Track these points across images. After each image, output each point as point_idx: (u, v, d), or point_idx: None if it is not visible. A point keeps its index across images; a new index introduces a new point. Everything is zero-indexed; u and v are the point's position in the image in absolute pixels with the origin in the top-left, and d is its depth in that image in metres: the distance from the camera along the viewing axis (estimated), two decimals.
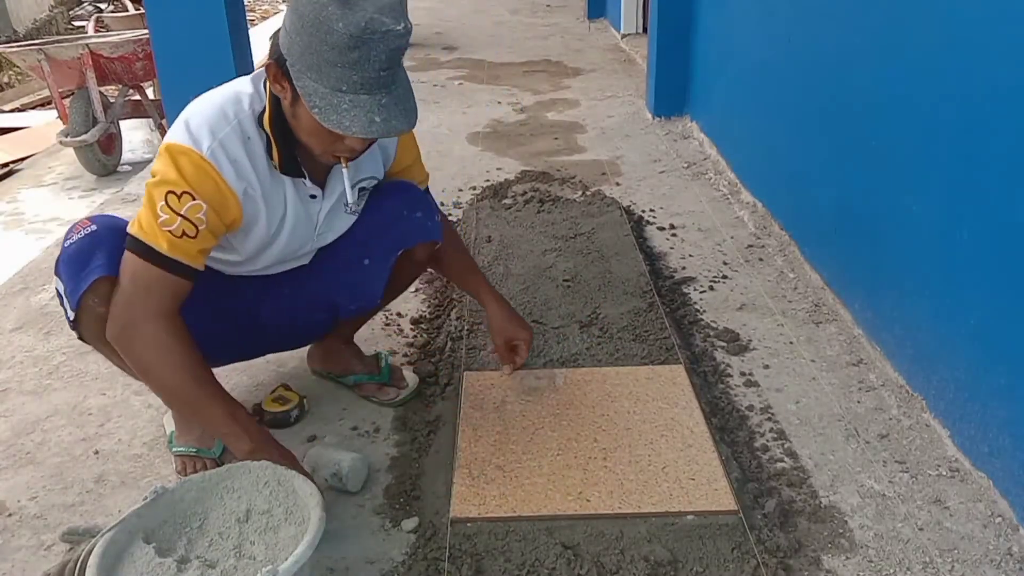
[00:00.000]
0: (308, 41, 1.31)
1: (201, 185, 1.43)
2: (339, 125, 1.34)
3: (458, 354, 2.09)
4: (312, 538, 1.27)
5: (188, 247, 1.44)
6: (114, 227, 1.52)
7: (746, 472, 1.66)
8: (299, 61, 1.34)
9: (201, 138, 1.44)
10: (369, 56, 1.32)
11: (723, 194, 3.23)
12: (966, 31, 1.66)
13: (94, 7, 10.08)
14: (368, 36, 1.30)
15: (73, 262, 1.48)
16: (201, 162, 1.43)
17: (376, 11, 1.30)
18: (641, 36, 6.01)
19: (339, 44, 1.30)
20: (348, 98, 1.34)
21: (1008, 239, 1.53)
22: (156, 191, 1.43)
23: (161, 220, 1.42)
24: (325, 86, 1.33)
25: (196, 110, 1.49)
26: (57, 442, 1.84)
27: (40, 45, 4.47)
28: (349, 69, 1.32)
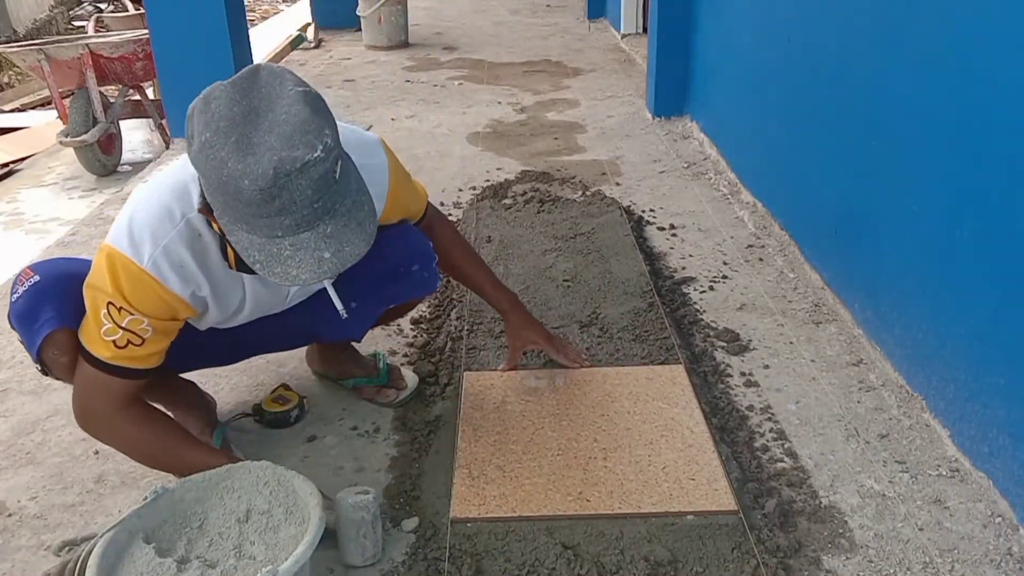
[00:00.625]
0: (224, 201, 1.17)
1: (140, 301, 1.37)
2: (286, 277, 1.20)
3: (458, 354, 2.09)
4: (312, 538, 1.27)
5: (134, 354, 1.41)
6: (57, 275, 1.48)
7: (746, 472, 1.66)
8: (224, 216, 1.21)
9: (142, 245, 1.35)
10: (293, 199, 1.15)
11: (723, 194, 3.23)
12: (966, 31, 1.66)
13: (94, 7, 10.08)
14: (282, 181, 1.13)
15: (23, 318, 1.47)
16: (140, 275, 1.36)
17: (283, 147, 1.14)
18: (641, 36, 6.01)
19: (254, 200, 1.14)
20: (288, 241, 1.19)
21: (1008, 239, 1.53)
22: (97, 299, 1.38)
23: (104, 329, 1.38)
24: (260, 236, 1.20)
25: (141, 207, 1.39)
26: (57, 442, 1.84)
27: (40, 45, 4.47)
28: (276, 217, 1.17)
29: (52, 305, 1.45)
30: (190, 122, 1.19)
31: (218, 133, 1.15)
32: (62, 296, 1.46)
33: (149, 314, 1.39)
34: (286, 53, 6.67)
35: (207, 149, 1.15)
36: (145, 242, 1.35)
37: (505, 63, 5.74)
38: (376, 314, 1.78)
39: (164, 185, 1.41)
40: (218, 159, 1.14)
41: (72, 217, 3.81)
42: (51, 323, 1.44)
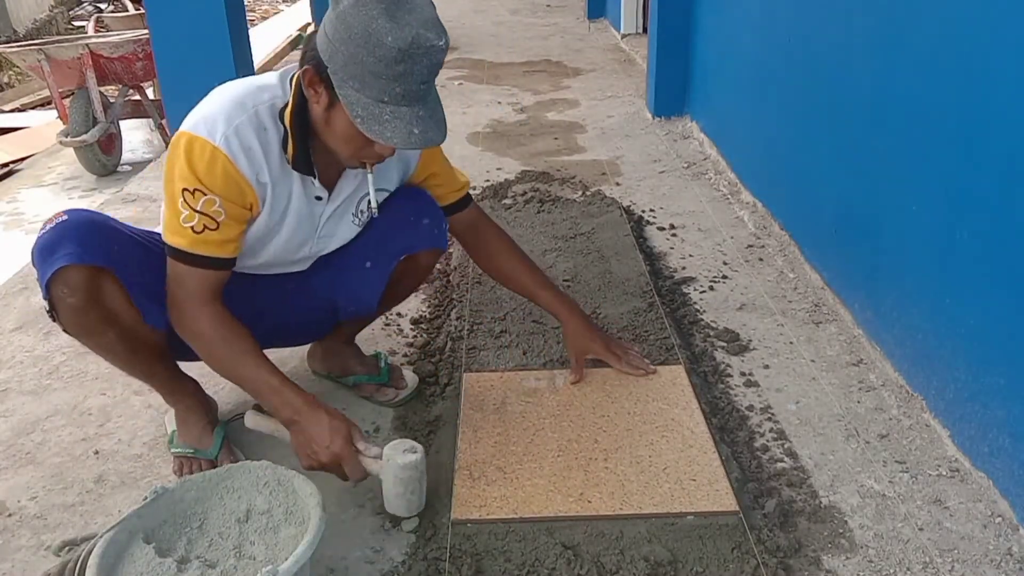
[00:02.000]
0: (354, 52, 1.33)
1: (213, 179, 1.45)
2: (381, 136, 1.37)
3: (458, 354, 2.09)
4: (312, 538, 1.27)
5: (211, 239, 1.48)
6: (84, 219, 1.52)
7: (746, 472, 1.66)
8: (342, 70, 1.36)
9: (215, 126, 1.45)
10: (412, 70, 1.35)
11: (723, 194, 3.23)
12: (966, 31, 1.66)
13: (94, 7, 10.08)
14: (414, 51, 1.33)
15: (43, 251, 1.48)
16: (214, 152, 1.44)
17: (421, 26, 1.34)
18: (641, 36, 6.02)
19: (386, 57, 1.32)
20: (389, 109, 1.37)
21: (1007, 239, 1.53)
22: (172, 188, 1.46)
23: (182, 217, 1.46)
24: (367, 96, 1.36)
25: (213, 99, 1.50)
26: (57, 442, 1.84)
27: (40, 45, 4.47)
28: (393, 81, 1.35)
29: (72, 242, 1.47)
30: None
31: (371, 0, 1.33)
32: (86, 236, 1.48)
33: (221, 194, 1.46)
34: (286, 53, 6.67)
35: (361, 6, 1.33)
36: (218, 124, 1.45)
37: (505, 63, 5.74)
38: (387, 271, 1.76)
39: (238, 83, 1.52)
40: (370, 15, 1.32)
41: None
42: (68, 257, 1.46)
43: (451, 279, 2.51)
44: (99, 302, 1.50)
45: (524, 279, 1.87)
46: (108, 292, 1.50)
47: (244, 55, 4.26)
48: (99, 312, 1.51)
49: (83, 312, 1.49)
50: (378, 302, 1.81)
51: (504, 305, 2.31)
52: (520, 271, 1.87)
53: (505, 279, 1.89)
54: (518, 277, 1.87)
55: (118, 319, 1.54)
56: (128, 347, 1.59)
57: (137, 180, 3.73)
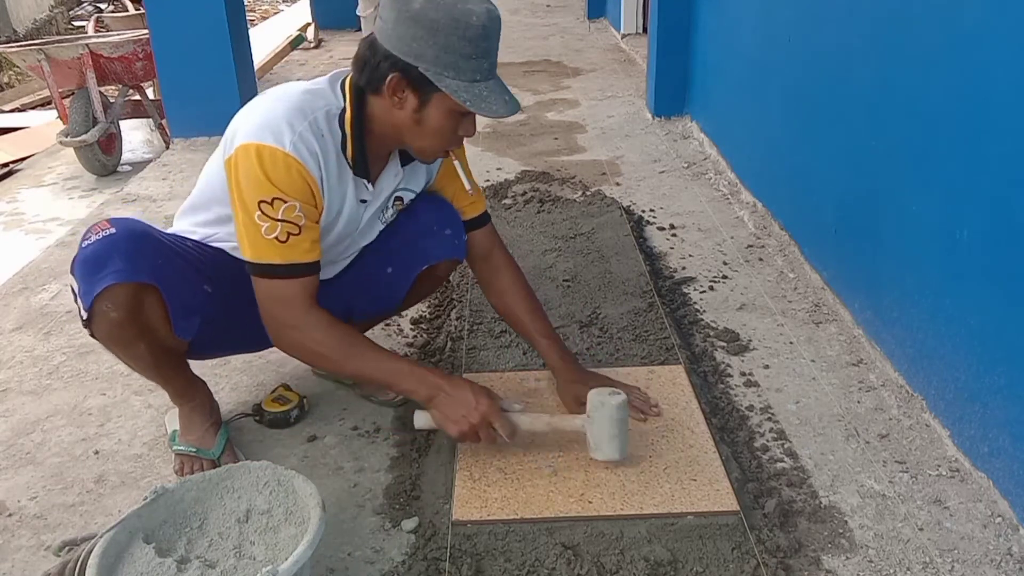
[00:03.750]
0: (445, 42, 1.40)
1: (288, 183, 1.46)
2: (489, 110, 1.45)
3: (458, 354, 2.09)
4: (312, 538, 1.27)
5: (297, 246, 1.49)
6: (133, 231, 1.52)
7: (746, 472, 1.66)
8: (434, 64, 1.42)
9: (281, 133, 1.45)
10: (491, 43, 1.45)
11: (723, 194, 3.23)
12: (966, 31, 1.66)
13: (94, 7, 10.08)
14: (491, 23, 1.43)
15: (89, 264, 1.48)
16: (285, 158, 1.45)
17: (484, 1, 1.44)
18: (641, 36, 6.02)
19: (475, 37, 1.41)
20: (483, 85, 1.45)
21: (1008, 239, 1.53)
22: (247, 201, 1.46)
23: (263, 229, 1.46)
24: (464, 80, 1.43)
25: (269, 107, 1.50)
26: (57, 442, 1.84)
27: (40, 45, 4.47)
28: (480, 59, 1.43)
29: (121, 258, 1.47)
30: None
31: None
32: (134, 252, 1.49)
33: (298, 197, 1.47)
34: (286, 53, 6.67)
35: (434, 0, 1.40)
36: (284, 131, 1.46)
37: (505, 63, 5.73)
38: (409, 278, 1.79)
39: (287, 95, 1.53)
40: (448, 3, 1.40)
41: (72, 217, 3.82)
42: (118, 275, 1.46)
43: (451, 280, 2.51)
44: (139, 317, 1.51)
45: (527, 324, 1.82)
46: (148, 307, 1.52)
47: (244, 55, 4.27)
48: (137, 327, 1.53)
49: (122, 327, 1.51)
50: (401, 303, 1.85)
51: None
52: (526, 316, 1.82)
53: (509, 318, 1.85)
54: (524, 322, 1.82)
55: (153, 333, 1.55)
56: (155, 357, 1.61)
57: (137, 180, 3.73)
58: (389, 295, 1.82)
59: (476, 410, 1.54)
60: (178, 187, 3.56)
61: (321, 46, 6.93)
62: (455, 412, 1.55)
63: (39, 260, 2.85)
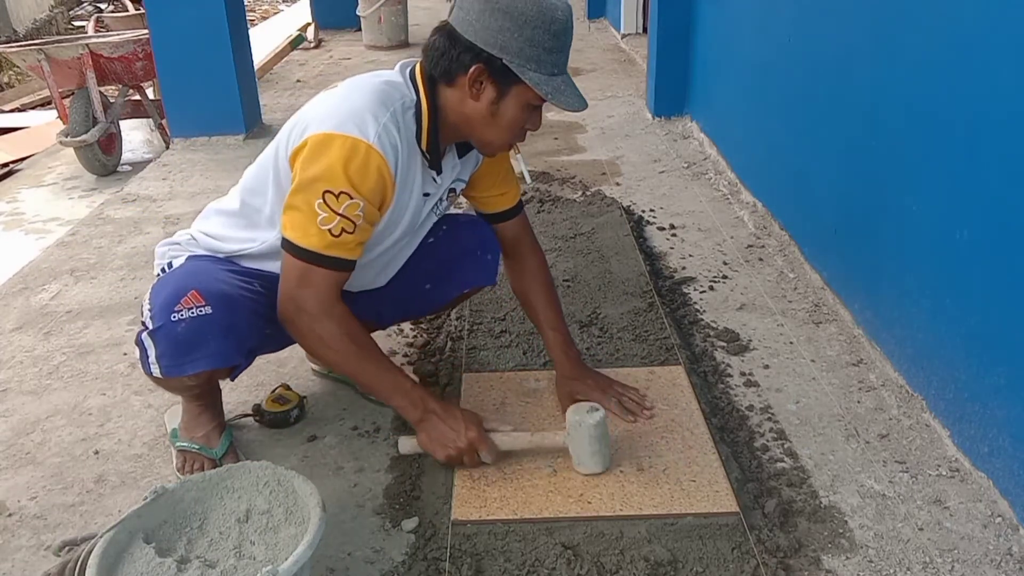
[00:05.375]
0: (531, 34, 1.42)
1: (363, 179, 1.44)
2: (569, 104, 1.47)
3: (458, 354, 2.09)
4: (312, 538, 1.27)
5: (346, 243, 1.47)
6: (230, 306, 1.51)
7: (746, 472, 1.66)
8: (519, 56, 1.44)
9: (366, 125, 1.44)
10: (569, 38, 1.48)
11: (723, 194, 3.23)
12: (966, 31, 1.66)
13: (94, 7, 10.08)
14: (570, 19, 1.47)
15: (180, 344, 1.49)
16: (368, 151, 1.43)
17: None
18: (641, 36, 6.02)
19: (559, 31, 1.44)
20: (559, 79, 1.48)
21: (1008, 239, 1.53)
22: (312, 187, 1.43)
23: (320, 219, 1.44)
24: (544, 73, 1.46)
25: (352, 97, 1.49)
26: (57, 442, 1.84)
27: (40, 45, 4.46)
28: (559, 53, 1.47)
29: (217, 341, 1.50)
30: None
31: None
32: (229, 333, 1.50)
33: (368, 197, 1.46)
34: (286, 53, 6.67)
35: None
36: (368, 122, 1.45)
37: None
38: (446, 297, 1.85)
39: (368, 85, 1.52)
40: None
41: (72, 217, 3.81)
42: (206, 362, 1.50)
43: None
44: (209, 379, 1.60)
45: (541, 314, 1.85)
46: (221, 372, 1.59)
47: (244, 55, 4.26)
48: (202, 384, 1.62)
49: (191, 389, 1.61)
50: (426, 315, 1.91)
51: (504, 305, 2.31)
52: (541, 306, 1.85)
53: (525, 305, 1.89)
54: (537, 310, 1.85)
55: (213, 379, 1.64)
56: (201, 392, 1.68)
57: (137, 180, 3.73)
58: (420, 308, 1.90)
59: (464, 436, 1.57)
60: (178, 187, 3.56)
61: (321, 46, 6.93)
62: (444, 437, 1.58)
63: (39, 260, 2.85)
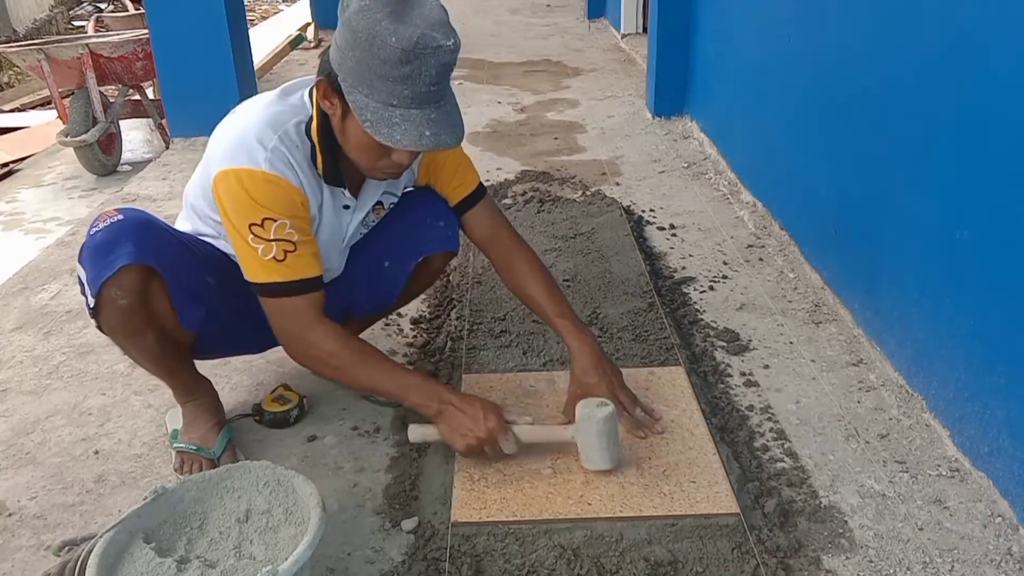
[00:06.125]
0: (361, 56, 1.34)
1: (274, 201, 1.46)
2: (390, 139, 1.37)
3: (458, 354, 2.09)
4: (312, 538, 1.27)
5: (296, 263, 1.49)
6: (140, 218, 1.54)
7: (746, 472, 1.66)
8: (351, 76, 1.37)
9: (255, 152, 1.46)
10: (420, 71, 1.34)
11: (723, 194, 3.23)
12: (966, 30, 1.66)
13: (94, 7, 10.08)
14: (420, 51, 1.33)
15: (98, 250, 1.49)
16: (264, 176, 1.45)
17: (427, 27, 1.33)
18: (641, 36, 6.01)
19: (391, 59, 1.32)
20: (399, 112, 1.37)
21: (1008, 239, 1.53)
22: (238, 227, 1.46)
23: (260, 252, 1.46)
24: (376, 100, 1.36)
25: (238, 127, 1.50)
26: (57, 442, 1.84)
27: (40, 45, 4.46)
28: (400, 84, 1.35)
29: (131, 242, 1.48)
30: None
31: (377, 2, 1.33)
32: (143, 236, 1.49)
33: (286, 213, 1.47)
34: (286, 53, 6.67)
35: (365, 10, 1.33)
36: (256, 149, 1.46)
37: (505, 63, 5.74)
38: (406, 271, 1.80)
39: (255, 111, 1.52)
40: (374, 18, 1.32)
41: (72, 217, 3.82)
42: (128, 256, 1.46)
43: (451, 279, 2.51)
44: (147, 305, 1.52)
45: (543, 305, 1.77)
46: (155, 295, 1.53)
47: (244, 55, 4.26)
48: (145, 314, 1.53)
49: (131, 314, 1.51)
50: (399, 296, 1.85)
51: (504, 305, 2.31)
52: (542, 297, 1.78)
53: (525, 299, 1.82)
54: (539, 302, 1.78)
55: (159, 322, 1.56)
56: (161, 349, 1.61)
57: (137, 180, 3.73)
58: (387, 289, 1.83)
59: (484, 426, 1.56)
60: (178, 187, 3.56)
61: (321, 46, 6.92)
62: (463, 427, 1.56)
63: (39, 260, 2.85)
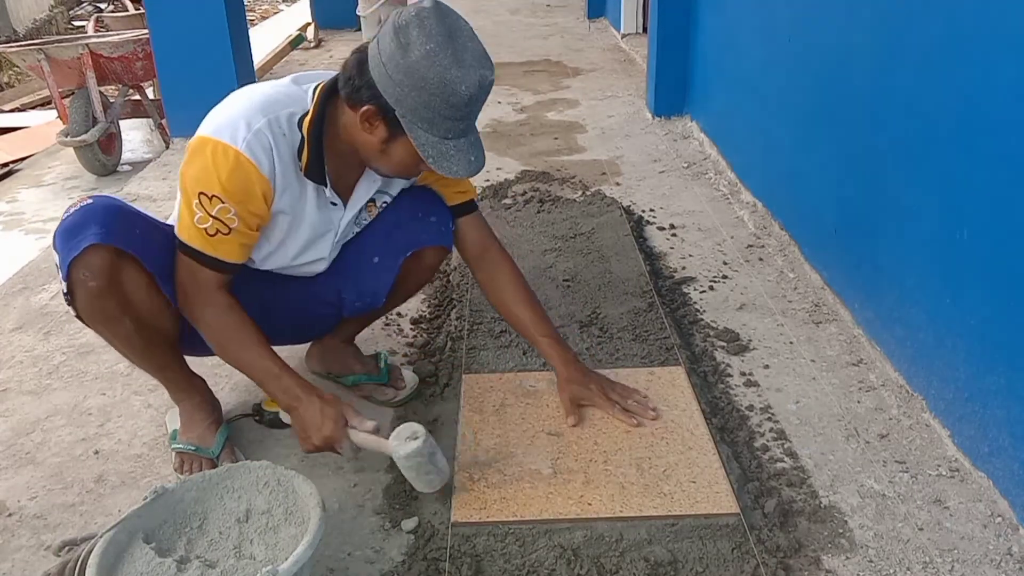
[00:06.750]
0: (428, 100, 1.40)
1: (233, 185, 1.47)
2: (449, 171, 1.47)
3: (458, 354, 2.09)
4: (312, 538, 1.27)
5: (222, 244, 1.51)
6: (109, 203, 1.54)
7: (746, 472, 1.66)
8: (411, 113, 1.43)
9: (237, 131, 1.47)
10: (473, 108, 1.45)
11: (723, 194, 3.23)
12: (966, 30, 1.66)
13: (94, 7, 10.08)
14: (479, 92, 1.43)
15: (67, 233, 1.49)
16: (236, 157, 1.46)
17: (481, 67, 1.42)
18: (641, 36, 6.01)
19: (459, 103, 1.41)
20: (452, 144, 1.46)
21: (1008, 239, 1.53)
22: (190, 188, 1.49)
23: (196, 218, 1.49)
24: (435, 136, 1.45)
25: (235, 103, 1.53)
26: (57, 442, 1.84)
27: (40, 45, 4.46)
28: (456, 121, 1.44)
29: (98, 224, 1.48)
30: (405, 32, 1.40)
31: (440, 45, 1.39)
32: (111, 219, 1.50)
33: (239, 201, 1.49)
34: (286, 53, 6.67)
35: (432, 56, 1.39)
36: (239, 128, 1.48)
37: (505, 63, 5.74)
38: (395, 265, 1.78)
39: (255, 92, 1.55)
40: (443, 65, 1.39)
41: None
42: (93, 237, 1.47)
43: (451, 279, 2.51)
44: (119, 287, 1.51)
45: (527, 324, 1.82)
46: (129, 277, 1.52)
47: (244, 55, 4.26)
48: (118, 298, 1.52)
49: (102, 296, 1.50)
50: (386, 296, 1.82)
51: None
52: (525, 315, 1.82)
53: (508, 317, 1.85)
54: (522, 321, 1.82)
55: (136, 306, 1.55)
56: (144, 338, 1.60)
57: (137, 180, 3.73)
58: (376, 285, 1.80)
59: (320, 431, 1.53)
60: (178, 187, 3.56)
61: (321, 46, 6.93)
62: (304, 428, 1.56)
63: (39, 260, 2.85)
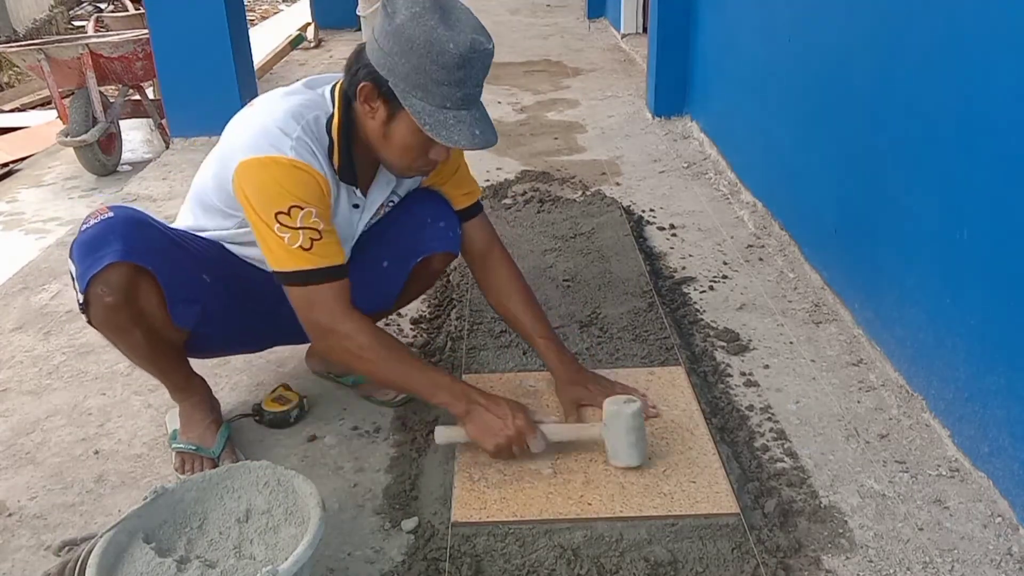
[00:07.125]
0: (417, 62, 1.40)
1: (300, 188, 1.47)
2: (449, 139, 1.44)
3: (458, 354, 2.09)
4: (312, 538, 1.27)
5: (322, 250, 1.50)
6: (130, 217, 1.54)
7: (746, 472, 1.66)
8: (404, 82, 1.42)
9: (280, 141, 1.47)
10: (470, 74, 1.43)
11: (723, 194, 3.23)
12: (966, 30, 1.66)
13: (94, 7, 10.08)
14: (471, 55, 1.41)
15: (87, 246, 1.49)
16: (290, 164, 1.47)
17: (474, 32, 1.42)
18: (641, 36, 6.01)
19: (449, 64, 1.39)
20: (452, 114, 1.44)
21: (1008, 239, 1.53)
22: (264, 217, 1.47)
23: (286, 239, 1.47)
24: (431, 104, 1.43)
25: (262, 118, 1.51)
26: (57, 442, 1.84)
27: (40, 45, 4.46)
28: (454, 87, 1.42)
29: (119, 239, 1.48)
30: (392, 2, 1.42)
31: (427, 8, 1.40)
32: (132, 234, 1.50)
33: (313, 201, 1.49)
34: (286, 53, 6.67)
35: (418, 17, 1.39)
36: (280, 138, 1.48)
37: (505, 63, 5.74)
38: (405, 271, 1.79)
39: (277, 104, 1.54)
40: (429, 25, 1.38)
41: (72, 217, 3.82)
42: (115, 255, 1.47)
43: (451, 279, 2.51)
44: (134, 302, 1.52)
45: (525, 325, 1.82)
46: (144, 293, 1.53)
47: (244, 55, 4.26)
48: (132, 312, 1.53)
49: (117, 311, 1.51)
50: (396, 297, 1.84)
51: None
52: (524, 316, 1.82)
53: (508, 318, 1.86)
54: (522, 321, 1.83)
55: (148, 320, 1.56)
56: (151, 346, 1.61)
57: (137, 180, 3.73)
58: (385, 290, 1.82)
59: (512, 425, 1.56)
60: (178, 187, 3.56)
61: (321, 46, 6.93)
62: (492, 427, 1.57)
63: (39, 260, 2.85)
